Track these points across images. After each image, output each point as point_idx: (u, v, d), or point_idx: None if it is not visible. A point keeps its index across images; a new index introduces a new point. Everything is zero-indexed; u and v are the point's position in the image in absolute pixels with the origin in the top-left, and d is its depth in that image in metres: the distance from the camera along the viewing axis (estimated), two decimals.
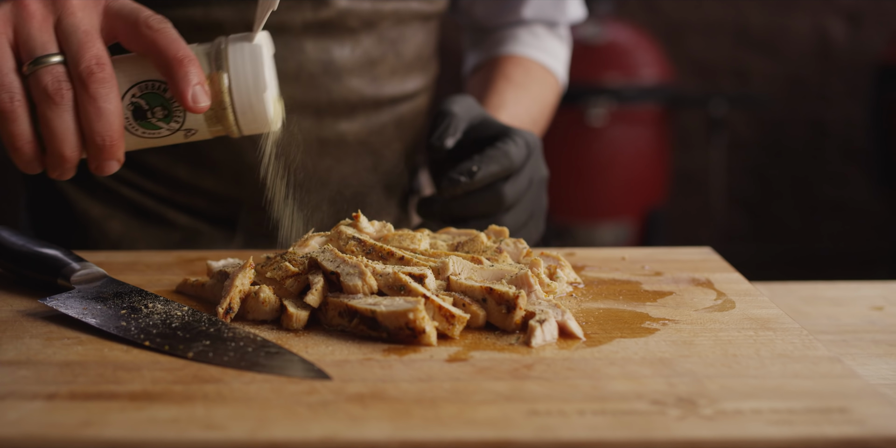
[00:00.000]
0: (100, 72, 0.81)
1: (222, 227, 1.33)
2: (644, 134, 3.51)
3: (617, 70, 3.42)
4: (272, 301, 0.87)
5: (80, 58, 0.81)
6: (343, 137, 1.29)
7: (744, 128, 4.13)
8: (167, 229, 1.33)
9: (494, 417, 0.66)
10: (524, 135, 1.10)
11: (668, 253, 1.12)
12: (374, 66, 1.29)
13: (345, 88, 1.27)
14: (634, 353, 0.78)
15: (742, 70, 4.12)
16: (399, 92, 1.33)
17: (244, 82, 0.84)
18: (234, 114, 0.85)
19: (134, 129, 0.85)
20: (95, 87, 0.81)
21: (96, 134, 0.82)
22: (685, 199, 4.13)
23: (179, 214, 1.33)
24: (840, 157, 4.17)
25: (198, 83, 0.82)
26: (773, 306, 0.91)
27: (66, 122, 0.82)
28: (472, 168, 1.04)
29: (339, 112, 1.28)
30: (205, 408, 0.68)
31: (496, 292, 0.84)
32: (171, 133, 0.86)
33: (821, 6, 4.07)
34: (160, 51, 0.82)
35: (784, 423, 0.65)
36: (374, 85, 1.29)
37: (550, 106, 1.46)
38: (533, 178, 1.11)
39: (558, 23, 1.51)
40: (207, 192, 1.30)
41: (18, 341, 0.82)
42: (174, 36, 0.83)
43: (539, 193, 1.14)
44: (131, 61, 0.85)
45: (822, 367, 0.75)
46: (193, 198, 1.31)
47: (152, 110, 0.85)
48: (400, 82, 1.33)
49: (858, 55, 4.06)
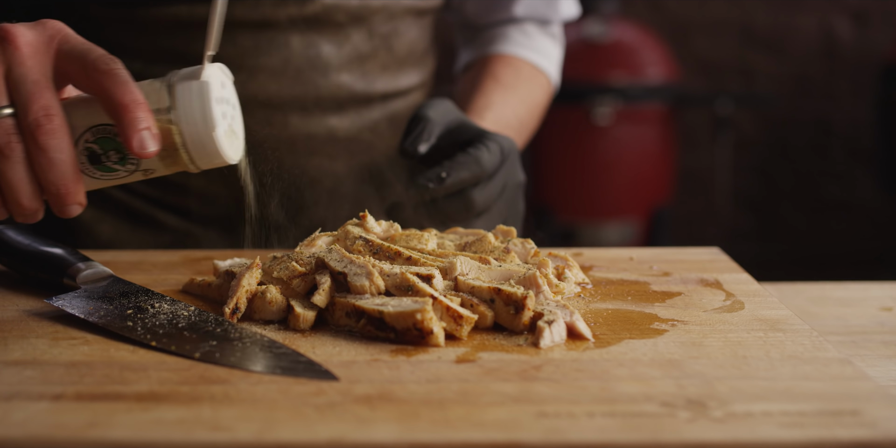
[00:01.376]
0: (48, 123, 0.79)
1: (214, 229, 1.32)
2: (650, 133, 3.50)
3: (622, 69, 3.41)
4: (279, 301, 0.87)
5: (29, 109, 0.79)
6: (333, 134, 1.28)
7: (749, 127, 4.12)
8: (157, 231, 1.32)
9: (503, 419, 0.65)
10: (499, 140, 1.09)
11: (676, 253, 1.12)
12: (364, 61, 1.28)
13: (333, 84, 1.26)
14: (643, 355, 0.78)
15: (748, 69, 4.11)
16: (391, 88, 1.32)
17: (193, 122, 0.82)
18: (188, 153, 0.83)
19: (91, 172, 0.84)
20: (45, 139, 0.79)
21: (50, 184, 0.80)
22: (691, 199, 4.12)
23: (170, 216, 1.32)
24: (846, 157, 4.16)
25: (145, 128, 0.79)
26: (783, 307, 0.90)
27: (18, 174, 0.80)
28: (442, 174, 1.03)
29: (328, 108, 1.27)
30: (211, 409, 0.67)
31: (504, 293, 0.84)
32: (129, 174, 0.85)
33: (827, 5, 4.06)
34: (108, 95, 0.79)
35: (795, 425, 0.64)
36: (364, 81, 1.29)
37: (540, 107, 1.44)
38: (507, 184, 1.10)
39: (551, 21, 1.49)
40: (198, 192, 1.29)
41: (24, 341, 0.82)
42: (123, 78, 0.80)
43: (514, 199, 1.13)
44: (84, 105, 0.84)
45: (833, 368, 0.74)
46: (184, 198, 1.30)
47: (107, 154, 0.83)
48: (392, 78, 1.32)
49: (864, 54, 4.05)
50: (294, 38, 1.23)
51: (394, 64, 1.31)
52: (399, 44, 1.31)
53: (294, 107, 1.25)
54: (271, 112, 1.24)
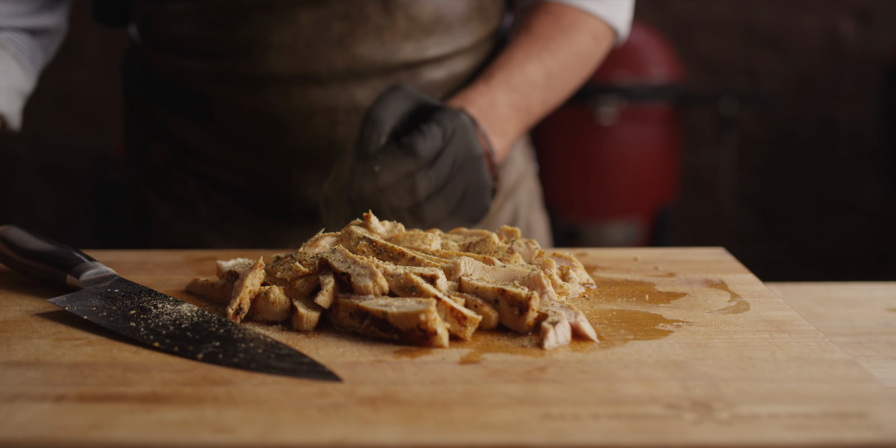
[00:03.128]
0: None
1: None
2: (654, 133, 3.50)
3: (627, 69, 3.40)
4: (282, 302, 0.86)
5: None
6: (358, 105, 1.28)
7: (753, 126, 4.12)
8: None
9: (507, 421, 0.65)
10: (444, 121, 1.09)
11: (681, 253, 1.11)
12: (382, 31, 1.27)
13: (348, 56, 1.27)
14: (648, 356, 0.77)
15: (752, 69, 4.10)
16: (418, 57, 1.30)
17: None
18: None
19: None
20: None
21: None
22: (695, 198, 4.11)
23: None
24: (850, 156, 4.15)
25: None
26: (788, 308, 0.90)
27: None
28: (375, 168, 1.06)
29: (347, 79, 1.28)
30: (214, 410, 0.67)
31: (508, 293, 0.84)
32: None
33: (831, 5, 4.05)
34: None
35: (801, 427, 0.64)
36: (383, 50, 1.28)
37: (583, 54, 1.36)
38: (457, 161, 1.09)
39: None
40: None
41: (27, 342, 0.81)
42: None
43: (473, 172, 1.11)
44: None
45: (839, 370, 0.74)
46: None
47: None
48: (417, 47, 1.30)
49: (869, 54, 4.04)
50: (303, 13, 1.25)
51: (418, 32, 1.30)
52: (421, 12, 1.29)
53: (309, 80, 1.27)
54: (287, 86, 1.27)
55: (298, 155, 1.30)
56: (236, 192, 1.36)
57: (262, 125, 1.29)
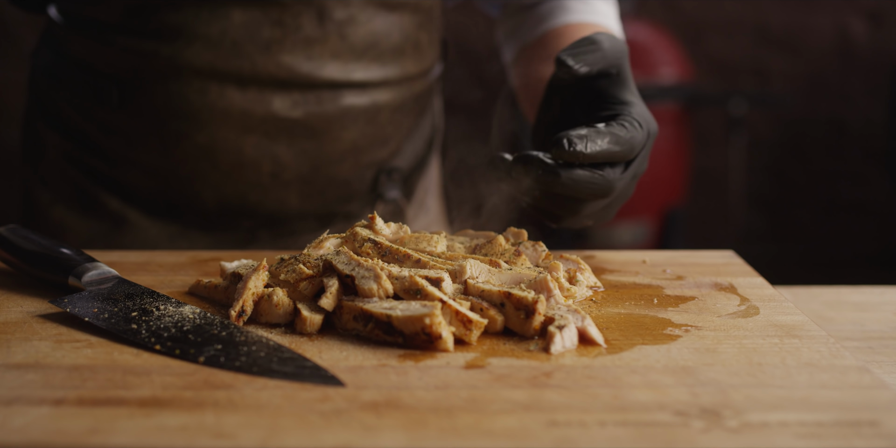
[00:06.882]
0: None
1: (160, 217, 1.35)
2: (663, 133, 3.47)
3: (636, 69, 3.38)
4: (286, 304, 0.85)
5: None
6: (273, 114, 1.27)
7: (763, 127, 4.10)
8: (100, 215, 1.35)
9: (512, 428, 0.64)
10: (648, 122, 0.98)
11: (690, 256, 1.10)
12: (311, 45, 1.26)
13: (272, 62, 1.26)
14: (656, 361, 0.76)
15: (762, 69, 4.08)
16: (343, 78, 1.29)
17: None
18: None
19: None
20: None
21: None
22: (704, 199, 4.09)
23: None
24: (860, 157, 4.13)
25: None
26: (798, 312, 0.88)
27: None
28: (583, 135, 0.91)
29: (266, 85, 1.26)
30: (215, 415, 0.66)
31: (514, 297, 0.82)
32: None
33: (841, 5, 4.03)
34: None
35: (812, 436, 0.63)
36: (309, 64, 1.27)
37: None
38: (637, 173, 1.00)
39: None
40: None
41: (27, 344, 0.80)
42: None
43: (632, 187, 1.01)
44: None
45: (850, 377, 0.73)
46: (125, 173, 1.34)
47: None
48: (344, 68, 1.29)
49: (879, 54, 4.02)
50: (236, 12, 1.24)
51: (348, 53, 1.28)
52: (355, 33, 1.28)
53: (229, 79, 1.26)
54: (204, 82, 1.26)
55: (203, 157, 1.29)
56: (132, 195, 1.35)
57: (171, 118, 1.27)
